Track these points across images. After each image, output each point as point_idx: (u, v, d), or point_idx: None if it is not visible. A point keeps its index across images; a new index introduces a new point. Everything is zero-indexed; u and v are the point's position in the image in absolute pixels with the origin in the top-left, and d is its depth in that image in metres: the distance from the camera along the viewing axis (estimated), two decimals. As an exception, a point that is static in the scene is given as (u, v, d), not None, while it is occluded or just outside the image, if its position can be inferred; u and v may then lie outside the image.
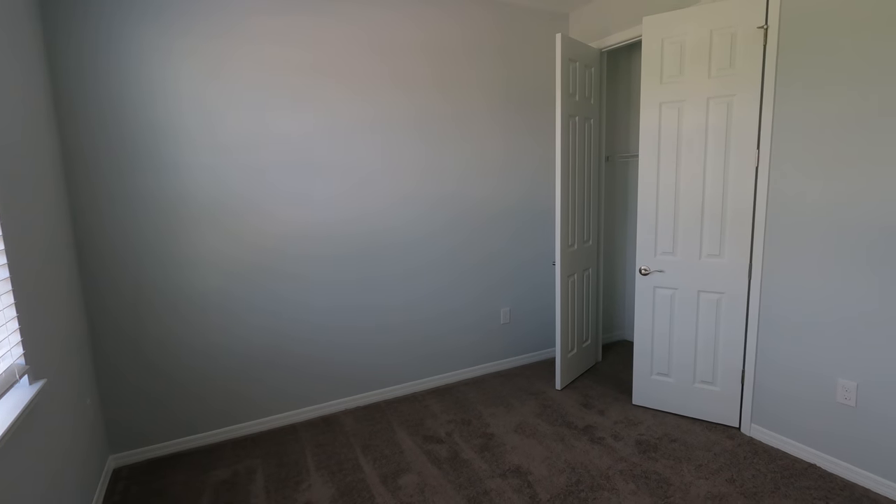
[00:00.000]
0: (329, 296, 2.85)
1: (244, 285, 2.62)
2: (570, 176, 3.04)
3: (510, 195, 3.38)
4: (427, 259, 3.13)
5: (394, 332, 3.08)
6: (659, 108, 2.62)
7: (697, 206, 2.57)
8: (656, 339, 2.80)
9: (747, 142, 2.39)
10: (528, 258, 3.52)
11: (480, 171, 3.24)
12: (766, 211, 2.37)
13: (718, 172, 2.49)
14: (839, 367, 2.16)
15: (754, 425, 2.52)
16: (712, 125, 2.48)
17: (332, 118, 2.73)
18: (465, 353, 3.36)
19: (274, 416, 2.79)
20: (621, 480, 2.19)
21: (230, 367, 2.64)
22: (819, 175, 2.16)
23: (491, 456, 2.42)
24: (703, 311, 2.63)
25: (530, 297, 3.57)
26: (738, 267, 2.49)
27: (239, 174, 2.54)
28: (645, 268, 2.76)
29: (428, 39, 2.96)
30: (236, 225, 2.56)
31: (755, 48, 2.32)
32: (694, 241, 2.60)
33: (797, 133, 2.22)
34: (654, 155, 2.67)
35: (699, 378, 2.69)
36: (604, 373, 3.41)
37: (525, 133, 3.38)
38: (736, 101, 2.40)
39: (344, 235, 2.85)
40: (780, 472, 2.21)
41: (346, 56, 2.73)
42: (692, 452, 2.39)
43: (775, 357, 2.40)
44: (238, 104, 2.50)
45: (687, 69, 2.51)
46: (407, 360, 3.15)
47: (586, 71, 3.12)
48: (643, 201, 2.74)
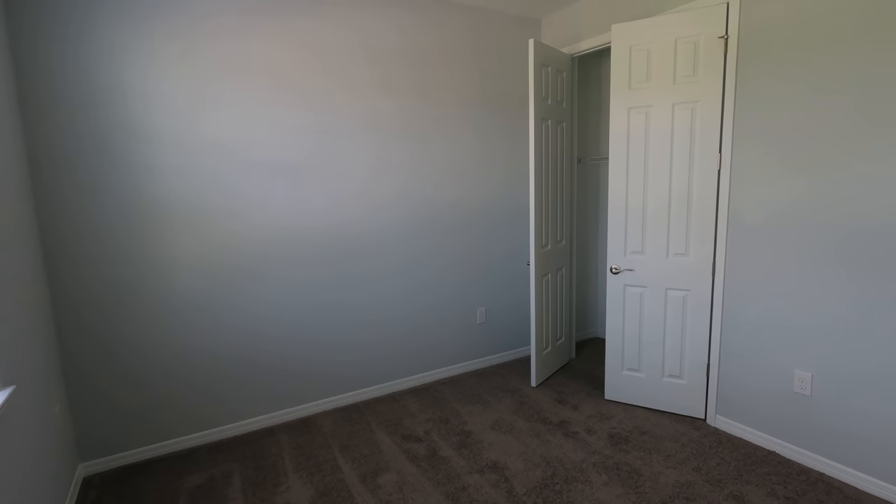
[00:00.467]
0: (306, 298, 2.84)
1: (220, 286, 2.59)
2: (543, 178, 3.12)
3: (485, 197, 3.44)
4: (403, 261, 3.15)
5: (371, 333, 3.10)
6: (627, 112, 2.71)
7: (664, 207, 2.68)
8: (627, 335, 2.89)
9: (710, 146, 2.51)
10: (504, 258, 3.59)
11: (457, 173, 3.29)
12: (727, 211, 2.49)
13: (684, 175, 2.60)
14: (796, 358, 2.29)
15: (719, 416, 2.64)
16: (678, 130, 2.59)
17: (309, 120, 2.73)
18: (442, 353, 3.40)
19: (251, 419, 2.76)
20: (594, 472, 2.26)
21: (206, 370, 2.61)
22: (773, 178, 2.28)
23: (468, 453, 2.46)
24: (671, 308, 2.74)
25: (505, 297, 3.64)
26: (703, 265, 2.61)
27: (215, 175, 2.52)
28: (615, 267, 2.86)
29: (406, 43, 2.99)
30: (212, 225, 2.54)
31: (716, 57, 2.44)
32: (661, 241, 2.71)
33: (755, 138, 2.34)
34: (623, 158, 2.76)
35: (667, 372, 2.80)
36: (577, 369, 3.50)
37: (500, 136, 3.44)
38: (699, 107, 2.52)
39: (322, 236, 2.85)
40: (743, 460, 2.33)
41: (325, 58, 2.74)
42: (661, 444, 2.49)
43: (737, 351, 2.52)
44: (213, 105, 2.48)
45: (653, 76, 2.61)
46: (385, 361, 3.17)
47: (558, 75, 3.20)
48: (613, 202, 2.83)
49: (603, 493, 2.11)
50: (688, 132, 2.56)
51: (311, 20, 2.69)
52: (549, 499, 2.09)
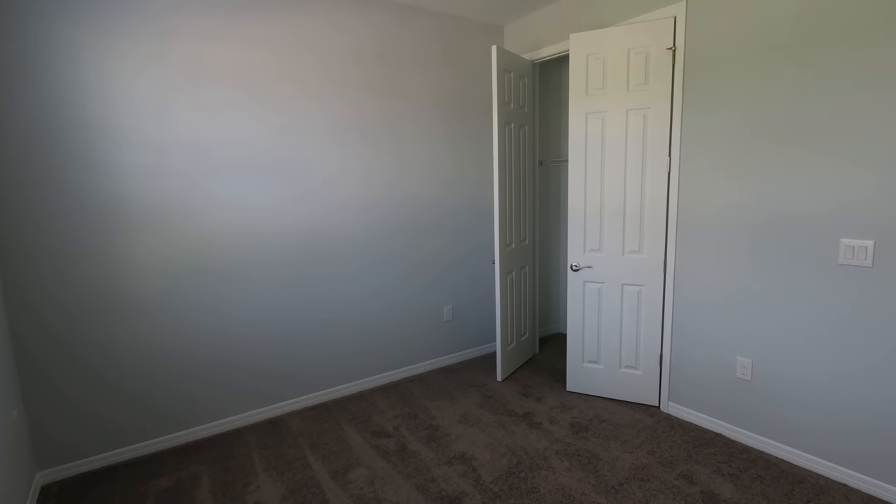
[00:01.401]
0: (276, 298, 2.85)
1: (189, 287, 2.57)
2: (506, 179, 3.24)
3: (453, 198, 3.52)
4: (372, 261, 3.20)
5: (340, 333, 3.13)
6: (585, 117, 2.86)
7: (620, 207, 2.83)
8: (587, 329, 3.04)
9: (660, 150, 2.68)
10: (470, 257, 3.68)
11: (426, 175, 3.36)
12: (677, 212, 2.67)
13: (637, 177, 2.76)
14: (737, 346, 2.48)
15: (671, 403, 2.82)
16: (631, 134, 2.75)
17: (278, 121, 2.74)
18: (410, 351, 3.46)
19: (219, 420, 2.74)
20: (557, 459, 2.38)
21: (174, 371, 2.58)
22: (714, 181, 2.47)
23: (437, 446, 2.53)
24: (627, 303, 2.90)
25: (472, 295, 3.74)
26: (656, 262, 2.78)
27: (180, 175, 2.49)
28: (575, 264, 3.00)
29: (373, 45, 3.04)
30: (178, 226, 2.51)
31: (665, 67, 2.61)
32: (617, 239, 2.87)
33: (698, 144, 2.52)
34: (581, 161, 2.91)
35: (624, 363, 2.96)
36: (541, 363, 3.64)
37: (467, 138, 3.54)
38: (650, 114, 2.68)
39: (291, 237, 2.86)
40: (692, 443, 2.50)
41: (296, 60, 2.75)
42: (618, 430, 2.64)
43: (686, 341, 2.70)
44: (180, 105, 2.45)
45: (609, 83, 2.77)
46: (354, 360, 3.20)
47: (520, 81, 3.33)
48: (573, 203, 2.97)
49: (564, 478, 2.23)
50: (640, 137, 2.73)
51: (279, 21, 2.70)
52: (515, 485, 2.19)
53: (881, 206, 1.95)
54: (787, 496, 2.07)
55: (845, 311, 2.09)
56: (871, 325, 2.02)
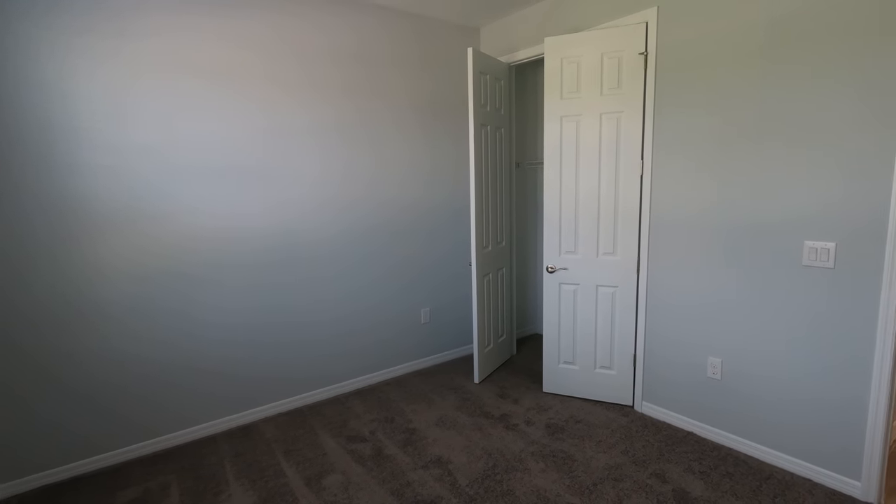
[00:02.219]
0: (249, 301, 2.80)
1: (159, 291, 2.49)
2: (483, 181, 3.24)
3: (431, 199, 3.51)
4: (349, 262, 3.17)
5: (315, 336, 3.09)
6: (560, 121, 2.88)
7: (594, 209, 2.86)
8: (562, 330, 3.07)
9: (633, 153, 2.72)
10: (447, 259, 3.68)
11: (403, 177, 3.34)
12: (649, 213, 2.71)
13: (611, 179, 2.80)
14: (708, 346, 2.53)
15: (645, 402, 2.86)
16: (605, 138, 2.78)
17: (252, 122, 2.69)
18: (387, 354, 3.44)
19: (189, 428, 2.68)
20: (532, 461, 2.39)
21: (140, 378, 2.51)
22: (684, 182, 2.52)
23: (413, 450, 2.52)
24: (601, 304, 2.93)
25: (449, 297, 3.73)
26: (629, 263, 2.82)
27: (149, 176, 2.42)
28: (551, 266, 3.02)
29: (353, 46, 3.00)
30: (147, 228, 2.44)
31: (638, 71, 2.65)
32: (592, 241, 2.90)
33: (669, 147, 2.57)
34: (556, 163, 2.93)
35: (599, 364, 2.99)
36: (518, 365, 3.65)
37: (443, 139, 3.53)
38: (623, 117, 2.72)
39: (265, 240, 2.81)
40: (665, 441, 2.54)
41: (275, 59, 2.71)
42: (593, 431, 2.67)
43: (660, 341, 2.75)
44: (147, 104, 2.39)
45: (583, 87, 2.80)
46: (329, 364, 3.16)
47: (496, 83, 3.34)
48: (548, 205, 3.00)
49: (540, 480, 2.24)
50: (614, 140, 2.76)
51: (258, 19, 2.65)
52: (491, 488, 2.19)
53: (842, 209, 2.01)
54: (755, 492, 2.12)
55: (808, 312, 2.15)
56: (832, 325, 2.08)
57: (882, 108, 1.88)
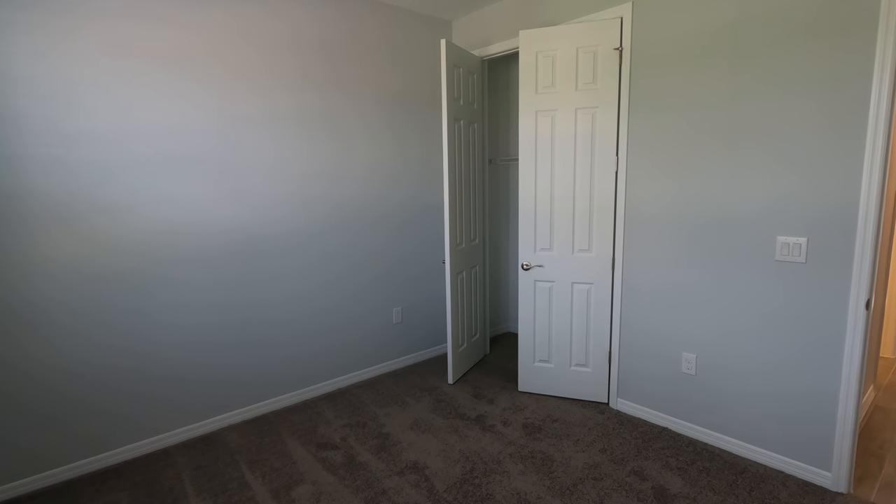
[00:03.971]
0: (210, 300, 2.62)
1: (112, 291, 2.29)
2: (457, 178, 3.16)
3: (400, 194, 3.41)
4: (316, 260, 3.03)
5: (282, 338, 2.93)
6: (535, 115, 2.84)
7: (569, 205, 2.83)
8: (538, 328, 3.03)
9: (608, 149, 2.70)
10: (420, 257, 3.58)
11: (374, 171, 3.22)
12: (624, 210, 2.70)
13: (586, 175, 2.77)
14: (683, 341, 2.54)
15: (620, 399, 2.86)
16: (580, 133, 2.75)
17: (209, 111, 2.52)
18: (358, 355, 3.31)
19: (144, 440, 2.48)
20: (511, 463, 2.33)
21: (89, 386, 2.30)
22: (657, 179, 2.52)
23: (387, 455, 2.42)
24: (577, 301, 2.91)
25: (422, 296, 3.64)
26: (604, 260, 2.80)
27: (99, 167, 2.22)
28: (526, 263, 2.98)
29: (315, 35, 2.86)
30: (97, 223, 2.24)
31: (612, 66, 2.63)
32: (567, 238, 2.87)
33: (643, 143, 2.56)
34: (531, 159, 2.89)
35: (574, 362, 2.97)
36: (492, 364, 3.60)
37: (411, 134, 3.43)
38: (598, 113, 2.70)
39: (228, 235, 2.64)
40: (641, 438, 2.53)
41: (233, 47, 2.54)
42: (571, 429, 2.64)
43: (634, 338, 2.74)
44: (97, 90, 2.18)
45: (558, 81, 2.76)
46: (297, 367, 3.01)
47: (469, 77, 3.27)
48: (523, 202, 2.95)
49: (519, 482, 2.18)
50: (589, 136, 2.74)
51: (216, 4, 2.47)
52: (469, 493, 2.11)
53: (812, 205, 2.04)
54: (731, 486, 2.13)
55: (780, 305, 2.17)
56: (804, 318, 2.11)
57: (848, 106, 1.91)
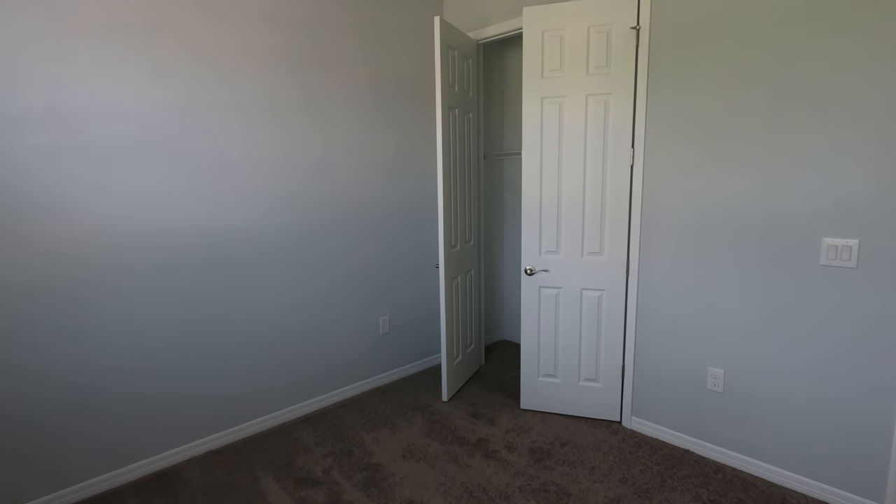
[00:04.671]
0: (169, 316, 2.24)
1: (39, 305, 1.90)
2: (452, 172, 2.85)
3: (391, 192, 3.07)
4: (295, 267, 2.67)
5: (255, 356, 2.56)
6: (541, 102, 2.54)
7: (578, 203, 2.55)
8: (543, 340, 2.73)
9: (623, 140, 2.42)
10: (408, 261, 3.25)
11: (358, 165, 2.88)
12: (641, 208, 2.42)
13: (598, 170, 2.49)
14: (709, 356, 2.27)
15: (634, 418, 2.58)
16: (591, 123, 2.47)
17: (168, 93, 2.14)
18: (341, 371, 2.97)
19: (87, 481, 2.09)
20: (521, 498, 2.03)
21: (11, 423, 1.90)
22: (684, 174, 2.25)
23: (378, 492, 2.08)
24: (586, 309, 2.62)
25: (411, 303, 3.31)
26: (617, 263, 2.52)
27: (27, 157, 1.83)
28: (530, 268, 2.68)
29: (296, 8, 2.51)
30: (25, 224, 1.84)
31: (629, 48, 2.35)
32: (576, 240, 2.58)
33: (666, 133, 2.29)
34: (536, 151, 2.59)
35: (584, 376, 2.68)
36: (488, 377, 3.29)
37: (403, 124, 3.10)
38: (612, 100, 2.42)
39: (189, 240, 2.26)
40: (663, 464, 2.26)
41: (199, 19, 2.16)
42: (584, 454, 2.35)
43: (652, 351, 2.47)
44: (32, 64, 1.79)
45: (567, 64, 2.47)
46: (272, 387, 2.65)
47: (465, 61, 2.95)
48: (527, 199, 2.65)
49: (534, 524, 1.88)
50: (601, 125, 2.45)
51: (162, -37, 2.10)
52: (477, 540, 1.80)
53: (868, 203, 1.79)
54: (773, 523, 1.87)
55: (826, 317, 1.92)
56: (853, 330, 1.86)
57: (916, 87, 1.66)
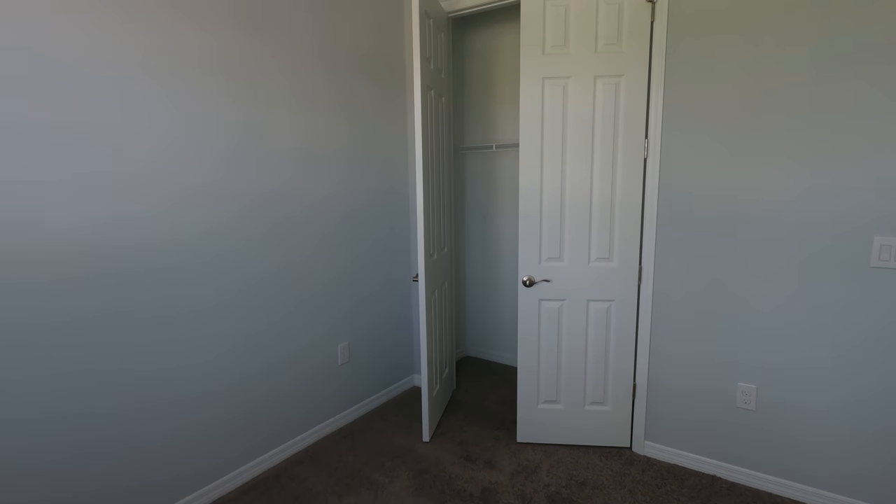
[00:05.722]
0: (42, 365, 1.50)
1: None
2: (430, 166, 2.37)
3: (342, 191, 2.50)
4: (229, 291, 2.01)
5: (173, 408, 1.87)
6: (542, 83, 2.16)
7: (585, 203, 2.20)
8: (543, 360, 2.35)
9: (636, 130, 2.12)
10: (367, 273, 2.70)
11: (301, 156, 2.28)
12: (656, 207, 2.14)
13: (607, 164, 2.16)
14: (739, 370, 2.04)
15: (648, 442, 2.30)
16: (600, 109, 2.14)
17: (40, 52, 1.41)
18: (293, 417, 2.34)
19: None
20: (563, 571, 1.61)
21: None
22: (710, 167, 1.99)
23: (379, 592, 1.55)
24: (593, 323, 2.29)
25: (371, 324, 2.76)
26: (628, 270, 2.22)
27: None
28: (529, 278, 2.28)
29: (218, -60, 1.86)
30: None
31: (643, 22, 2.05)
32: (582, 244, 2.23)
33: (686, 122, 2.02)
34: (536, 141, 2.20)
35: (590, 399, 2.35)
36: (466, 405, 2.85)
37: (358, 105, 2.55)
38: (623, 83, 2.11)
39: (67, 252, 1.54)
40: (697, 496, 1.98)
41: (56, -78, 1.45)
42: (609, 496, 2.00)
43: (669, 367, 2.20)
44: None
45: (572, 39, 2.11)
46: (200, 448, 1.97)
47: (438, 35, 2.49)
48: (525, 199, 2.25)
49: None
50: (612, 112, 2.13)
51: None
52: None
53: (927, 197, 1.64)
54: (842, 561, 1.65)
55: (878, 324, 1.75)
56: (909, 338, 1.71)
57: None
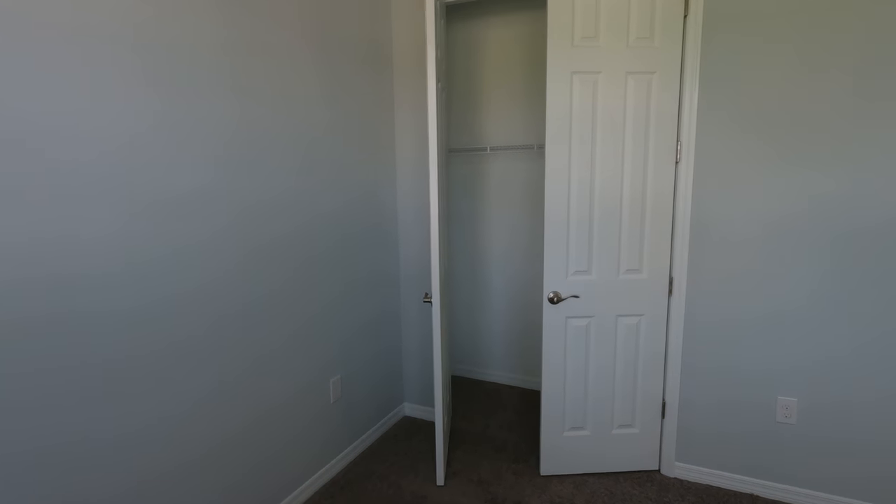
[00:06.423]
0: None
1: None
2: (441, 169, 2.07)
3: (322, 194, 2.13)
4: (198, 333, 1.58)
5: (124, 477, 1.42)
6: (571, 78, 1.94)
7: (615, 211, 2.02)
8: (570, 384, 2.14)
9: (668, 132, 1.97)
10: (362, 294, 2.34)
11: (286, 156, 1.89)
12: (690, 214, 2.01)
13: (638, 169, 2.00)
14: (778, 383, 1.96)
15: (679, 463, 2.17)
16: (631, 108, 1.96)
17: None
18: (282, 472, 1.93)
19: None
20: None
21: None
22: (748, 174, 1.89)
23: None
24: (622, 340, 2.11)
25: (365, 354, 2.40)
26: (659, 283, 2.07)
27: None
28: (556, 294, 2.06)
29: None
30: None
31: (676, 16, 1.90)
32: (612, 255, 2.05)
33: (724, 125, 1.91)
34: (564, 143, 1.98)
35: (617, 422, 2.17)
36: (469, 434, 2.57)
37: (350, 100, 2.19)
38: (655, 81, 1.95)
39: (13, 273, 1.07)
40: (747, 522, 1.87)
41: None
42: (661, 532, 1.83)
43: (703, 383, 2.08)
44: None
45: (603, 31, 1.92)
46: (183, 538, 1.52)
47: (439, 22, 2.19)
48: (552, 205, 2.02)
49: None
50: (644, 112, 1.97)
51: None
52: None
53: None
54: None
55: (923, 331, 1.73)
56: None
57: None
